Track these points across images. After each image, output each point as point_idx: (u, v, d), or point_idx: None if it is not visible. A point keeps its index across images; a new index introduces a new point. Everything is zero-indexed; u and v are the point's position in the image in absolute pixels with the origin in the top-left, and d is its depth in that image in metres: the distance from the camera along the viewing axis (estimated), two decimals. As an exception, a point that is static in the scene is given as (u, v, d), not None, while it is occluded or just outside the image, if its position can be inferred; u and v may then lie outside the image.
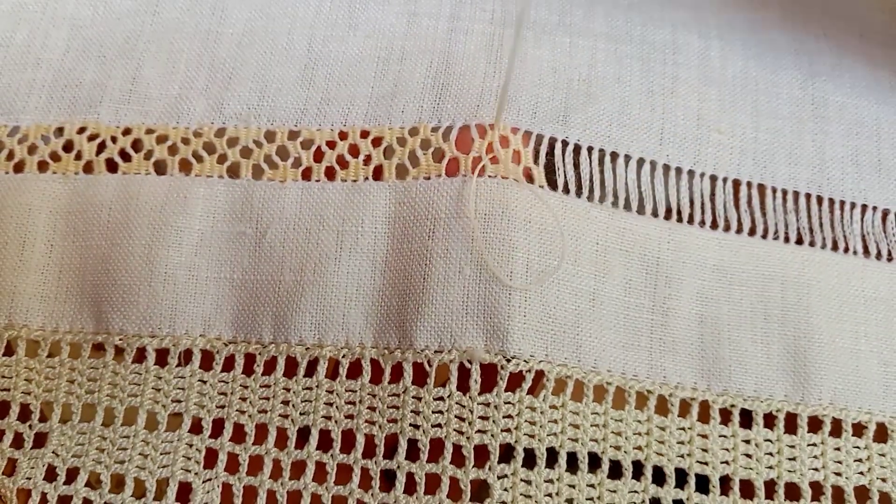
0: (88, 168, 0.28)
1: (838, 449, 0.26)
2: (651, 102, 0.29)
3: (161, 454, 0.25)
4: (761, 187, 0.28)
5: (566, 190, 0.27)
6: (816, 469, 0.25)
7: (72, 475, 0.25)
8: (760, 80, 0.30)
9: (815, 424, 0.26)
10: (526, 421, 0.24)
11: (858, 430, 0.26)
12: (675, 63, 0.30)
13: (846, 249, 0.28)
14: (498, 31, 0.30)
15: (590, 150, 0.27)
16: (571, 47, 0.30)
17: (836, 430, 0.26)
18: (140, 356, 0.26)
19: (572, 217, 0.26)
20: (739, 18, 0.31)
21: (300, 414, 0.25)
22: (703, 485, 0.25)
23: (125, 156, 0.28)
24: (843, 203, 0.28)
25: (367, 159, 0.27)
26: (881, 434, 0.26)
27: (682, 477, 0.25)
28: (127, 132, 0.28)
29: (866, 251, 0.28)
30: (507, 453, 0.24)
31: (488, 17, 0.30)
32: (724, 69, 0.30)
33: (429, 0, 0.31)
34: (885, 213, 0.28)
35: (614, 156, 0.28)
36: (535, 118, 0.27)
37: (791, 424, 0.26)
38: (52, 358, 0.26)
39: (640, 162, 0.28)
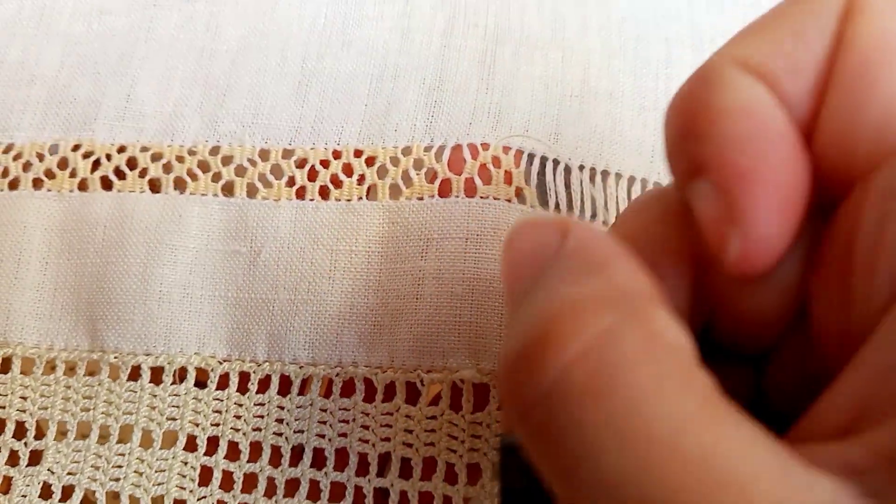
0: (83, 186, 0.28)
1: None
2: (643, 119, 0.29)
3: (156, 471, 0.25)
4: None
5: (558, 209, 0.27)
6: None
7: (67, 493, 0.25)
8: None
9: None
10: (517, 439, 0.25)
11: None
12: (667, 77, 0.30)
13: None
14: (490, 47, 0.30)
15: (581, 168, 0.28)
16: (564, 63, 0.30)
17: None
18: (135, 374, 0.26)
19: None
20: (733, 32, 0.31)
21: (294, 432, 0.25)
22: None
23: (120, 174, 0.28)
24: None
25: (361, 179, 0.27)
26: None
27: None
28: (122, 150, 0.28)
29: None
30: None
31: (481, 34, 0.30)
32: (714, 87, 0.30)
33: (422, 16, 0.31)
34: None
35: (605, 174, 0.28)
36: (527, 137, 0.28)
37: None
38: (48, 375, 0.27)
39: (632, 180, 0.28)
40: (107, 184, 0.28)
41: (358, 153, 0.28)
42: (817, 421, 0.14)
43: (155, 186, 0.28)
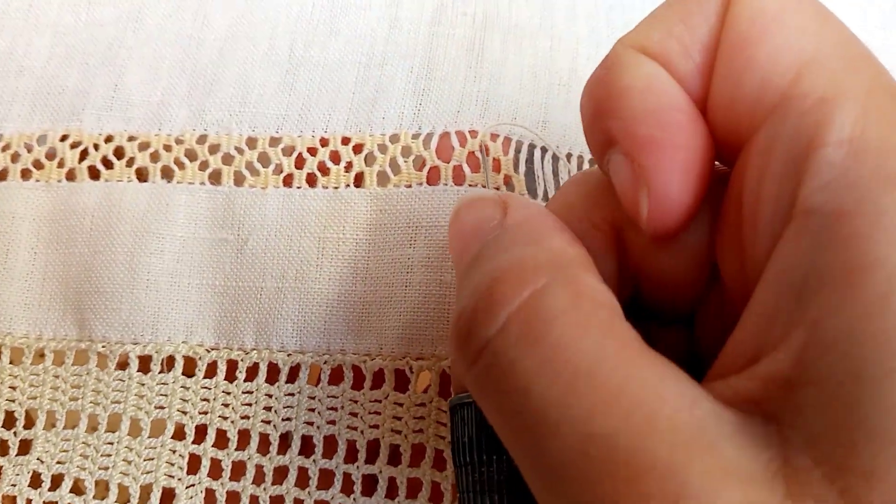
0: (71, 176, 0.28)
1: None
2: (630, 108, 0.29)
3: (144, 460, 0.25)
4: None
5: (546, 198, 0.27)
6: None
7: (56, 481, 0.25)
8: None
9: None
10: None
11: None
12: (655, 67, 0.30)
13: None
14: (479, 35, 0.30)
15: (569, 156, 0.28)
16: (552, 51, 0.30)
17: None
18: (123, 363, 0.26)
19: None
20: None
21: (282, 420, 0.25)
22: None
23: (107, 163, 0.28)
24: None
25: (349, 166, 0.27)
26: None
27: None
28: (109, 139, 0.28)
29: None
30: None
31: (469, 21, 0.30)
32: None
33: (410, 4, 0.31)
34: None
35: (593, 162, 0.28)
36: (515, 125, 0.28)
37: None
38: (36, 365, 0.27)
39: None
40: (94, 173, 0.28)
41: (345, 140, 0.27)
42: (723, 362, 0.16)
43: (142, 175, 0.28)
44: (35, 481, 0.25)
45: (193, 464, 0.25)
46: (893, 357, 0.13)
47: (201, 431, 0.25)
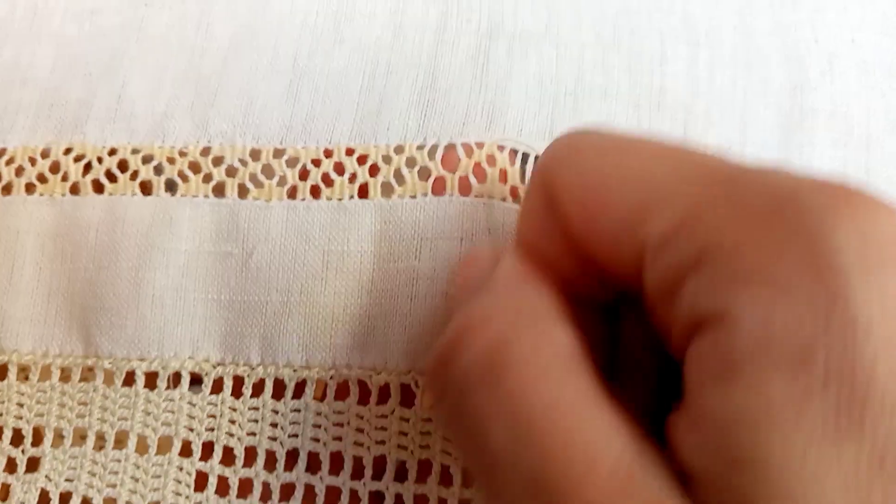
0: (75, 189, 0.28)
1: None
2: (637, 117, 0.28)
3: (152, 477, 0.25)
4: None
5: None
6: None
7: (65, 499, 0.25)
8: (748, 90, 0.29)
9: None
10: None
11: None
12: (662, 74, 0.29)
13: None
14: (484, 43, 0.29)
15: (576, 165, 0.27)
16: (558, 59, 0.30)
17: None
18: (130, 379, 0.26)
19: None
20: (727, 25, 0.31)
21: (289, 436, 0.25)
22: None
23: (111, 176, 0.28)
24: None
25: (353, 177, 0.27)
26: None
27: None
28: (113, 152, 0.28)
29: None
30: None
31: (474, 29, 0.30)
32: (711, 80, 0.29)
33: (415, 12, 0.30)
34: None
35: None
36: (522, 135, 0.27)
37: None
38: (43, 382, 0.26)
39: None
40: (98, 187, 0.28)
41: (350, 151, 0.27)
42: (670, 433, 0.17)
43: (146, 189, 0.28)
44: (43, 499, 0.25)
45: (200, 481, 0.25)
46: None
47: (208, 448, 0.25)
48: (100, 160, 0.28)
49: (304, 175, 0.27)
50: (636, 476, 0.15)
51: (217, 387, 0.26)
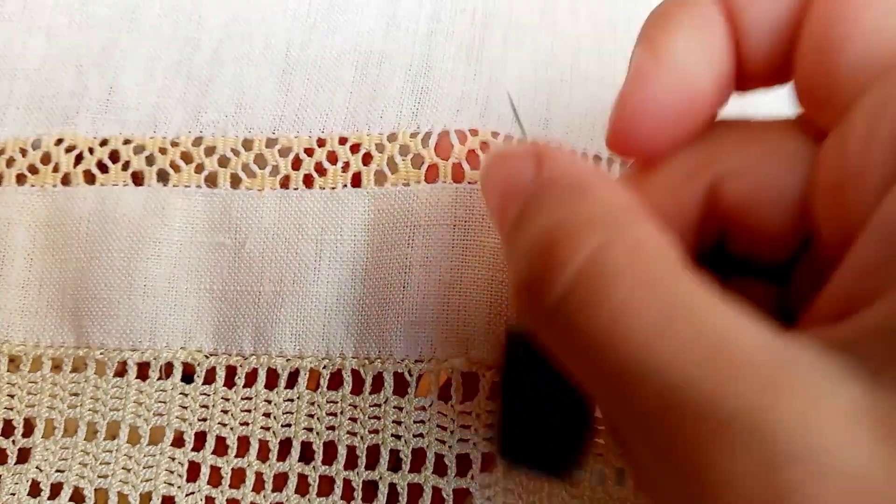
0: (66, 180, 0.28)
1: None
2: (633, 103, 0.28)
3: (144, 468, 0.25)
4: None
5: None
6: None
7: (56, 490, 0.25)
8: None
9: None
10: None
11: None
12: (658, 60, 0.29)
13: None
14: (479, 32, 0.29)
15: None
16: (553, 47, 0.29)
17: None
18: (121, 370, 0.26)
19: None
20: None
21: (282, 426, 0.25)
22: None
23: (103, 167, 0.28)
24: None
25: (346, 166, 0.27)
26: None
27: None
28: (104, 143, 0.28)
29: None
30: (488, 462, 0.24)
31: (469, 18, 0.30)
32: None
33: (409, 1, 0.30)
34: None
35: (597, 159, 0.27)
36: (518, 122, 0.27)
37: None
38: (34, 373, 0.26)
39: (624, 165, 0.27)
40: (90, 178, 0.28)
41: (342, 140, 0.27)
42: (815, 313, 0.16)
43: (138, 179, 0.27)
44: (34, 490, 0.25)
45: (193, 471, 0.25)
46: None
47: (200, 438, 0.25)
48: (91, 151, 0.28)
49: (296, 164, 0.27)
50: (782, 363, 0.14)
51: (209, 377, 0.26)
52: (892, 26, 0.16)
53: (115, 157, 0.28)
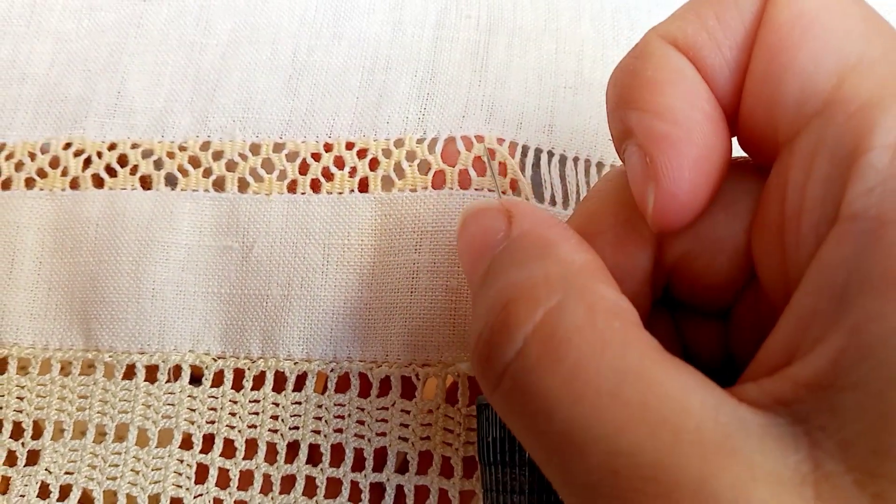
0: (75, 184, 0.28)
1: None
2: (636, 110, 0.28)
3: (152, 470, 0.25)
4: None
5: (553, 202, 0.27)
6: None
7: (65, 492, 0.25)
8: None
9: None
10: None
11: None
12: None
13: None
14: (483, 38, 0.30)
15: (575, 160, 0.27)
16: (557, 54, 0.30)
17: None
18: (130, 373, 0.26)
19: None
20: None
21: (289, 428, 0.25)
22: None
23: (111, 171, 0.28)
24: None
25: (353, 171, 0.27)
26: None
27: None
28: (112, 147, 0.28)
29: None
30: (495, 465, 0.24)
31: (473, 24, 0.30)
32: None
33: (414, 7, 0.30)
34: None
35: (600, 165, 0.28)
36: (521, 128, 0.27)
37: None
38: (43, 375, 0.26)
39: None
40: (98, 182, 0.28)
41: (349, 146, 0.27)
42: (757, 364, 0.16)
43: (146, 183, 0.28)
44: (44, 492, 0.25)
45: (201, 473, 0.25)
46: None
47: (209, 441, 0.25)
48: (99, 155, 0.28)
49: (304, 169, 0.27)
50: (727, 432, 0.14)
51: (218, 380, 0.26)
52: (829, 62, 0.16)
53: (123, 161, 0.28)
